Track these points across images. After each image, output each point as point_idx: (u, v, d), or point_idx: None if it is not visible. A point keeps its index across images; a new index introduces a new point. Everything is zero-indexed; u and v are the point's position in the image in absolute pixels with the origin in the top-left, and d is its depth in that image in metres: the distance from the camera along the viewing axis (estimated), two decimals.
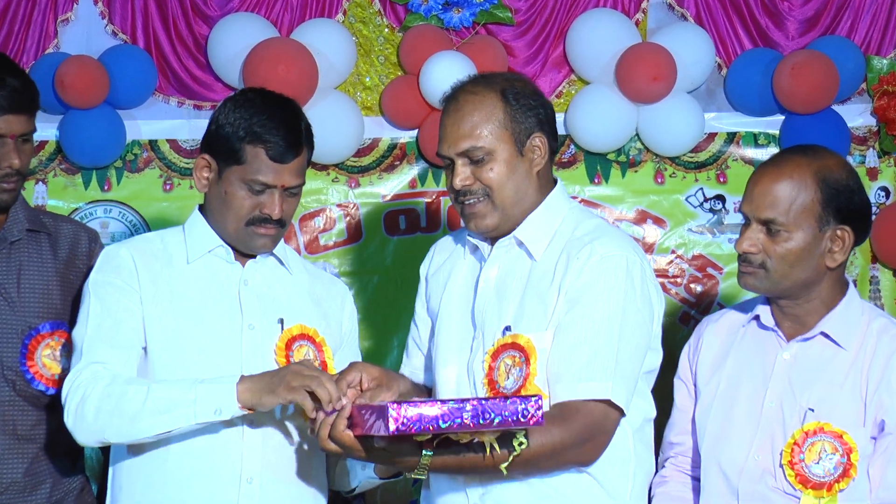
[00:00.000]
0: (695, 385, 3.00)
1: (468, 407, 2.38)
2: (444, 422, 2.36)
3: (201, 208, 2.90)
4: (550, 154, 2.84)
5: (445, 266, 2.97)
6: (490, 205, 2.79)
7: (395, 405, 2.35)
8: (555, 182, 2.88)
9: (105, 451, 3.05)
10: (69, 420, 2.68)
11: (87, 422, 2.65)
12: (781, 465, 2.78)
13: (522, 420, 2.40)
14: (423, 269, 3.07)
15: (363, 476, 2.86)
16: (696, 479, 2.97)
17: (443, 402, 2.39)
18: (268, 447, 2.75)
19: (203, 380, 2.63)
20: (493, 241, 2.86)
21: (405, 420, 2.34)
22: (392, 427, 2.34)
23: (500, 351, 2.74)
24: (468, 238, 2.91)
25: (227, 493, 2.71)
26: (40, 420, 3.11)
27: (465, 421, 2.37)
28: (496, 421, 2.38)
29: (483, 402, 2.39)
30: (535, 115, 2.81)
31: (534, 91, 2.86)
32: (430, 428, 2.36)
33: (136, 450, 2.76)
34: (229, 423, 2.69)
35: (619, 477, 2.77)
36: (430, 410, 2.36)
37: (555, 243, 2.80)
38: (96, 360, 2.70)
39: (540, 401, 2.42)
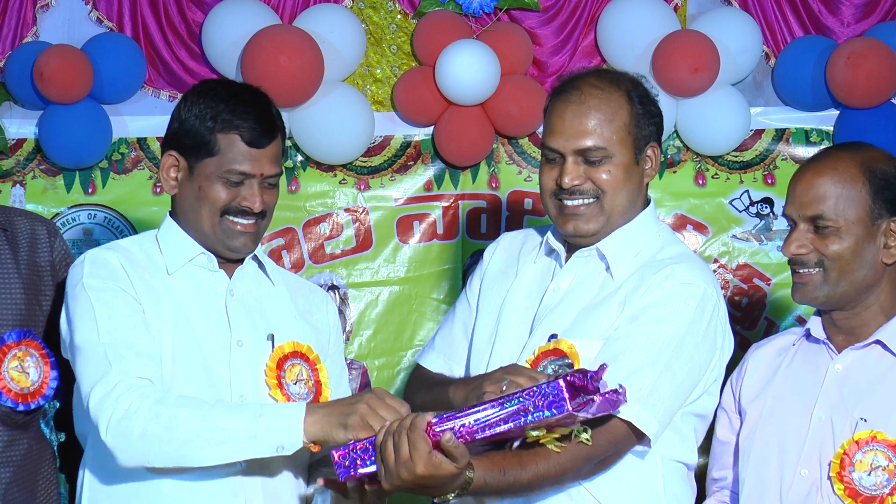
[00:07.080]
0: (739, 409, 2.96)
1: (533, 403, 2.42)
2: (507, 421, 2.42)
3: (172, 215, 2.90)
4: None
5: (512, 265, 2.99)
6: (598, 208, 2.82)
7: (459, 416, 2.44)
8: (649, 200, 2.95)
9: (73, 481, 2.97)
10: (107, 436, 2.61)
11: (130, 441, 2.59)
12: (829, 478, 2.73)
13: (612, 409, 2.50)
14: (487, 254, 3.08)
15: None
16: None
17: (499, 402, 2.43)
18: (267, 493, 2.76)
19: (265, 410, 2.62)
20: (569, 246, 2.90)
21: (472, 428, 2.41)
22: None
23: (540, 359, 2.74)
24: (548, 240, 2.94)
25: None
26: (13, 440, 3.01)
27: (535, 417, 2.41)
28: (580, 417, 2.44)
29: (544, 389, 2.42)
30: (654, 124, 2.88)
31: (654, 98, 2.91)
32: (497, 433, 2.42)
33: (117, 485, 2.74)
34: (229, 470, 2.71)
35: None
36: (490, 415, 2.42)
37: (633, 263, 2.85)
38: (131, 371, 2.65)
39: (623, 391, 2.50)
